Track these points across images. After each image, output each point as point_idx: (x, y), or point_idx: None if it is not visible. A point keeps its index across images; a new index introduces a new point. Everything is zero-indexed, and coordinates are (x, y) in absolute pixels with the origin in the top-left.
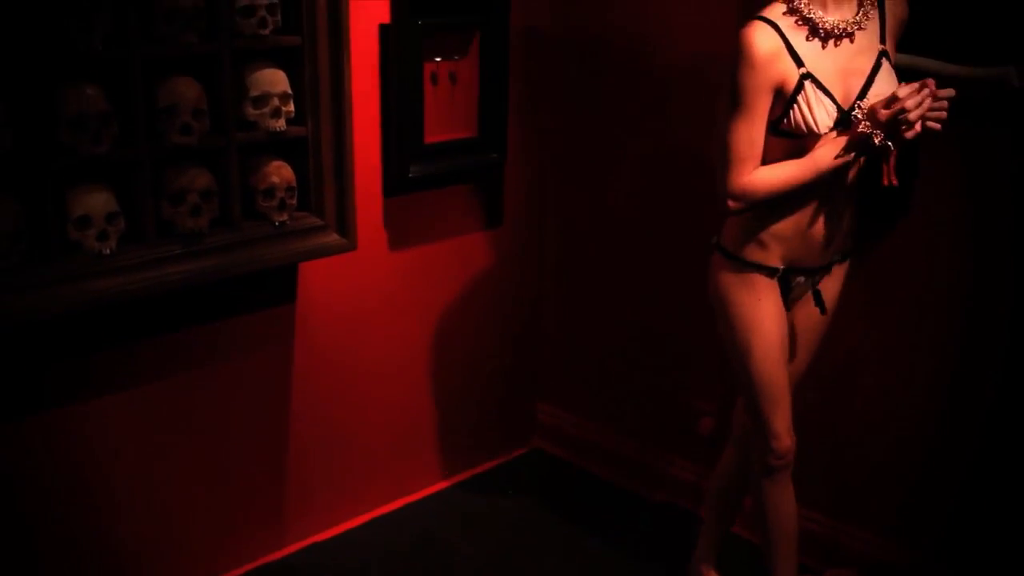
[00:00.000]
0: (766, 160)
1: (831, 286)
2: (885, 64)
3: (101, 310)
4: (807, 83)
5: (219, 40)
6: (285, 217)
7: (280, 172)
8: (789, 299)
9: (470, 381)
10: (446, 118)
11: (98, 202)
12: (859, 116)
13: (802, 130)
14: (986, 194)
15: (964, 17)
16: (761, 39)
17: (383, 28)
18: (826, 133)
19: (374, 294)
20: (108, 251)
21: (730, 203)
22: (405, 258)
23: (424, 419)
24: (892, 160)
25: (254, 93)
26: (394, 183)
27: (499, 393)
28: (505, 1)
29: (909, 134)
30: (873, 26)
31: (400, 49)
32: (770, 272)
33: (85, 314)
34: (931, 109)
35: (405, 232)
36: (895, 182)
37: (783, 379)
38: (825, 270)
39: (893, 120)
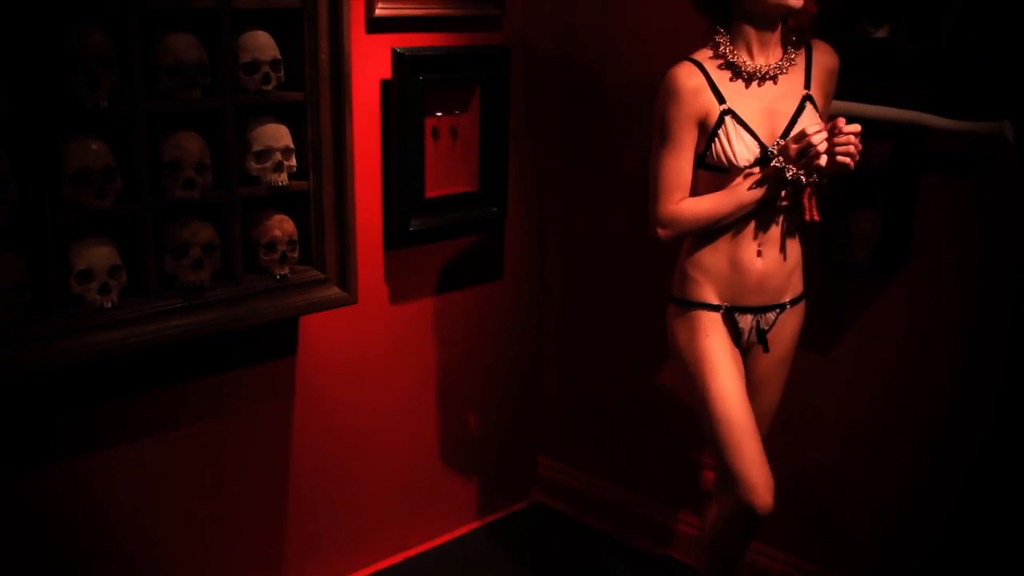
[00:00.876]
0: (697, 192)
1: (784, 331)
2: (809, 107)
3: (102, 363)
4: (727, 118)
5: (223, 96)
6: (286, 270)
7: (282, 226)
8: (741, 342)
9: (471, 434)
10: (447, 172)
11: (100, 256)
12: (774, 152)
13: (724, 163)
14: (982, 246)
15: (960, 73)
16: (685, 76)
17: (385, 84)
18: (746, 167)
19: (375, 347)
20: (110, 304)
21: (659, 231)
22: (406, 311)
23: (425, 472)
24: (809, 196)
25: (257, 148)
26: (395, 237)
27: (500, 446)
28: (505, 57)
29: (820, 162)
30: (798, 72)
31: (401, 104)
32: (711, 308)
33: (86, 367)
34: (839, 144)
35: (406, 285)
36: (816, 218)
37: (747, 419)
38: (772, 311)
39: (802, 154)
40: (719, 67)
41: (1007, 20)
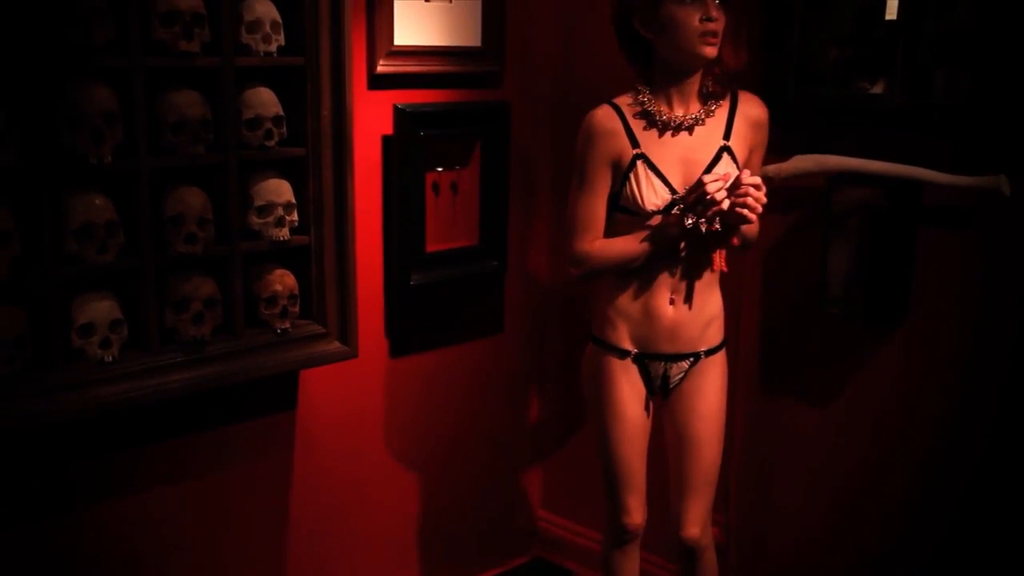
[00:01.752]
0: (616, 234)
1: (705, 383)
2: (725, 158)
3: (103, 417)
4: (639, 163)
5: (226, 152)
6: (287, 325)
7: (283, 280)
8: (653, 388)
9: (471, 488)
10: (447, 226)
11: (102, 310)
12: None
13: (634, 207)
14: (980, 300)
15: (956, 128)
16: (601, 117)
17: (386, 139)
18: (655, 213)
19: (374, 401)
20: (110, 358)
21: (572, 269)
22: (406, 365)
23: (425, 526)
24: (717, 246)
25: (258, 203)
26: (396, 291)
27: (500, 500)
28: (505, 112)
29: (718, 207)
30: (718, 123)
31: (403, 160)
32: (621, 353)
33: (87, 420)
34: (738, 195)
35: (406, 340)
36: (724, 268)
37: (637, 463)
38: (684, 360)
39: (699, 202)
40: (636, 114)
41: (1002, 75)
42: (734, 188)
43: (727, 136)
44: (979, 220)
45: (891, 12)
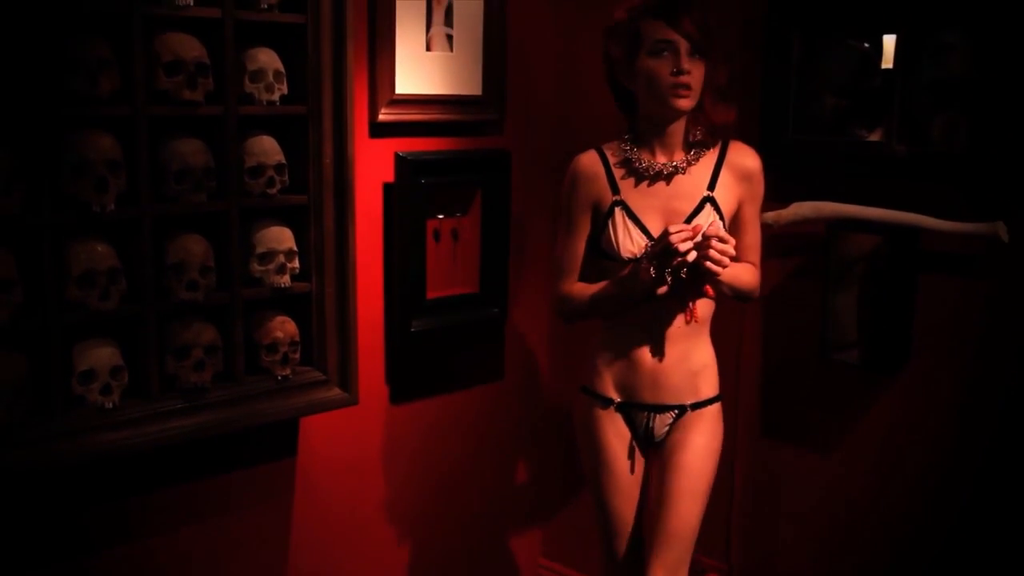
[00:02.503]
0: (600, 279)
1: (690, 436)
2: (708, 209)
3: (103, 463)
4: (617, 209)
5: (228, 200)
6: (288, 372)
7: (284, 327)
8: (640, 436)
9: (472, 536)
10: (448, 273)
11: (103, 357)
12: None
13: (612, 253)
14: (980, 346)
15: (954, 174)
16: (585, 162)
17: (387, 186)
18: (632, 260)
19: (375, 448)
20: (111, 405)
21: (554, 308)
22: (407, 412)
23: (426, 574)
24: (691, 297)
25: (260, 250)
26: (396, 338)
27: (501, 549)
28: (506, 160)
29: (688, 259)
30: (703, 173)
31: (404, 207)
32: (605, 402)
33: (87, 467)
34: (702, 248)
35: (407, 386)
36: (696, 320)
37: (627, 512)
38: (669, 411)
39: (663, 254)
40: (619, 161)
41: (999, 122)
42: (702, 240)
43: (711, 187)
44: (979, 267)
45: (887, 61)
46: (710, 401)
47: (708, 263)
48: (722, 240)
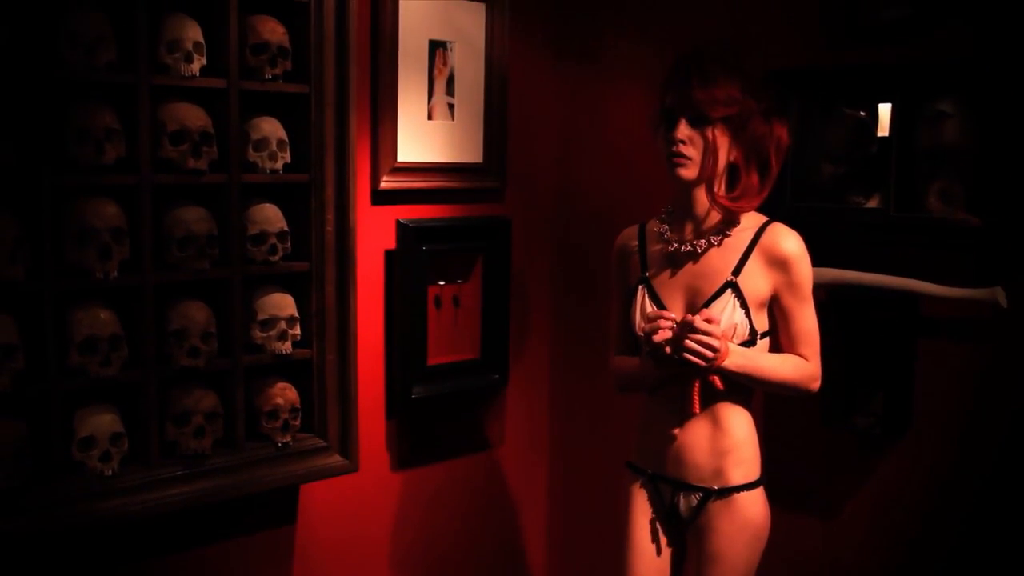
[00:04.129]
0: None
1: (721, 525)
2: (728, 294)
3: (102, 530)
4: (640, 287)
5: (231, 267)
6: (288, 438)
7: (284, 394)
8: (667, 513)
9: None
10: (449, 340)
11: (103, 423)
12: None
13: (631, 330)
14: (982, 411)
15: (951, 240)
16: (624, 238)
17: (389, 253)
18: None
19: (375, 515)
20: (110, 472)
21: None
22: (407, 479)
23: None
24: (697, 384)
25: (261, 316)
26: (397, 404)
27: None
28: (506, 227)
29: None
30: (731, 255)
31: (405, 274)
32: (636, 471)
33: (85, 534)
34: (678, 338)
35: (407, 453)
36: (695, 410)
37: None
38: (694, 493)
39: (644, 340)
40: (656, 236)
41: (994, 189)
42: (685, 330)
43: (737, 271)
44: (978, 332)
45: (883, 129)
46: (742, 488)
47: (686, 355)
48: (705, 333)
